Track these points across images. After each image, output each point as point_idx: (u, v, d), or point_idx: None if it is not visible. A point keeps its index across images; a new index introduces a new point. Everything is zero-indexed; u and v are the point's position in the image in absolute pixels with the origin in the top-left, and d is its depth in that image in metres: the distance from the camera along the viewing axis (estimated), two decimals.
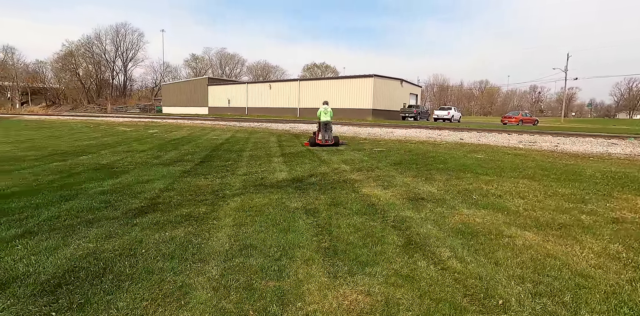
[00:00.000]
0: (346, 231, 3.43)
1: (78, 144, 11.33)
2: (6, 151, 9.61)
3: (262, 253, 2.96)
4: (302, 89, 35.00)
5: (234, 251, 2.99)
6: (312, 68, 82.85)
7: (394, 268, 2.66)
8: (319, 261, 2.79)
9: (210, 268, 2.70)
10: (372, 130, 17.79)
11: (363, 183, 5.48)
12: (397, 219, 3.72)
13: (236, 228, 3.57)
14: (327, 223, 3.69)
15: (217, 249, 3.04)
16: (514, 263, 2.71)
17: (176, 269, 2.68)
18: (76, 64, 66.80)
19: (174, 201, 4.55)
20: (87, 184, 5.45)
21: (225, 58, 79.29)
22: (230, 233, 3.41)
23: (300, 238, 3.30)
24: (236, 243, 3.17)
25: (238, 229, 3.51)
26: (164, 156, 8.68)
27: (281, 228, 3.57)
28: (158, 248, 3.06)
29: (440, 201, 4.40)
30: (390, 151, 9.56)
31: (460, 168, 6.96)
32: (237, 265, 2.74)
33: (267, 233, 3.42)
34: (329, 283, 2.46)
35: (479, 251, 2.92)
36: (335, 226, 3.60)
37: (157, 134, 15.39)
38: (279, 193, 4.91)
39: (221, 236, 3.34)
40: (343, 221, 3.75)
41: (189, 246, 3.10)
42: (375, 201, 4.43)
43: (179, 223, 3.69)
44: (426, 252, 2.91)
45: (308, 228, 3.57)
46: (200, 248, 3.07)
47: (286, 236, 3.35)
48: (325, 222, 3.72)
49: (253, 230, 3.50)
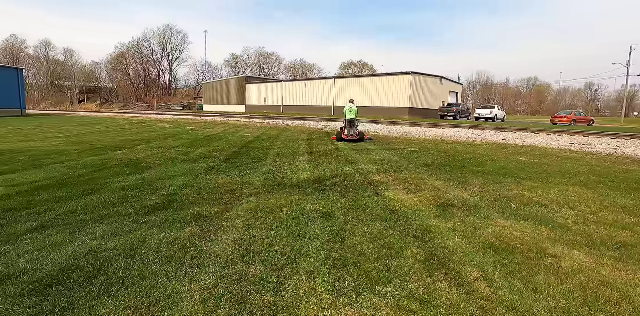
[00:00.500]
0: (361, 240, 3.09)
1: (118, 140, 11.84)
2: (53, 145, 10.22)
3: (265, 260, 2.72)
4: (337, 87, 34.64)
5: (235, 257, 2.77)
6: (348, 66, 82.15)
7: (409, 288, 2.29)
8: (324, 274, 2.49)
9: (206, 274, 2.49)
10: (407, 129, 17.08)
11: (388, 186, 5.08)
12: (420, 229, 3.32)
13: (244, 230, 3.35)
14: (341, 229, 3.37)
15: (218, 254, 2.83)
16: (557, 291, 2.24)
17: (170, 274, 2.50)
18: (127, 64, 71.22)
19: (189, 198, 4.45)
20: (113, 178, 5.53)
21: (263, 57, 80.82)
22: (236, 236, 3.21)
23: (310, 245, 3.01)
24: (240, 248, 2.95)
25: (245, 232, 3.30)
26: (193, 152, 8.77)
27: (291, 232, 3.31)
28: (159, 249, 2.91)
29: (473, 209, 3.92)
30: (423, 152, 9.00)
31: (500, 171, 6.32)
32: (235, 273, 2.51)
33: (275, 238, 3.17)
34: (330, 301, 2.16)
35: (513, 272, 2.46)
36: (350, 233, 3.27)
37: (193, 131, 15.79)
38: (297, 194, 4.65)
39: (226, 239, 3.14)
40: (360, 227, 3.41)
41: (190, 249, 2.93)
42: (398, 206, 4.04)
43: (187, 223, 3.55)
44: (449, 270, 2.50)
45: (320, 233, 3.27)
46: (201, 251, 2.88)
47: (295, 242, 3.08)
48: (339, 228, 3.41)
49: (261, 234, 3.27)
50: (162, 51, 72.53)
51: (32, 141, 11.32)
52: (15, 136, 12.71)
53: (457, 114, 30.31)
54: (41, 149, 9.10)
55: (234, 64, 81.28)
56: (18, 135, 13.26)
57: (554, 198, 4.48)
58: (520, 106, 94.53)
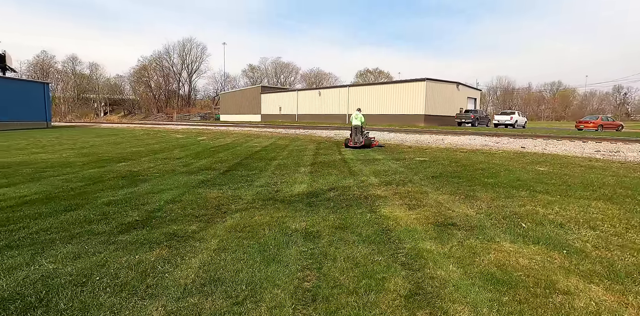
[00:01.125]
0: (341, 267, 2.73)
1: (127, 151, 11.91)
2: (63, 157, 10.35)
3: (226, 291, 2.40)
4: (351, 95, 34.39)
5: (196, 286, 2.47)
6: (364, 74, 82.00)
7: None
8: (288, 311, 2.14)
9: (155, 309, 2.19)
10: (420, 137, 16.55)
11: (387, 201, 4.69)
12: (411, 254, 2.92)
13: (215, 253, 3.06)
14: (322, 253, 3.02)
15: (177, 282, 2.54)
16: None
17: (116, 307, 2.21)
18: (148, 77, 73.67)
19: (172, 215, 4.21)
20: (103, 193, 5.39)
21: (280, 67, 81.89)
22: (205, 260, 2.91)
23: (282, 272, 2.67)
24: (204, 275, 2.64)
25: (216, 256, 3.00)
26: (195, 163, 8.63)
27: (267, 256, 2.98)
28: (116, 275, 2.65)
29: (477, 230, 3.48)
30: (434, 162, 8.52)
31: (514, 183, 5.80)
32: (187, 308, 2.20)
33: (246, 263, 2.85)
34: None
35: (513, 314, 2.04)
36: (331, 258, 2.92)
37: (203, 142, 15.83)
38: (286, 210, 4.33)
39: (193, 264, 2.85)
40: (343, 251, 3.05)
41: (150, 275, 2.65)
42: (392, 226, 3.64)
43: (158, 244, 3.28)
44: (435, 310, 2.10)
45: (298, 258, 2.93)
46: (160, 279, 2.60)
47: (267, 268, 2.75)
48: (321, 251, 3.06)
49: (233, 258, 2.96)
50: (182, 63, 74.71)
51: (46, 153, 11.53)
52: (32, 148, 13.04)
53: (475, 121, 29.39)
54: (49, 162, 9.19)
55: (251, 74, 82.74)
56: (36, 147, 13.60)
57: (572, 216, 3.97)
58: (544, 112, 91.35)
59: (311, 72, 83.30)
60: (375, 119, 31.14)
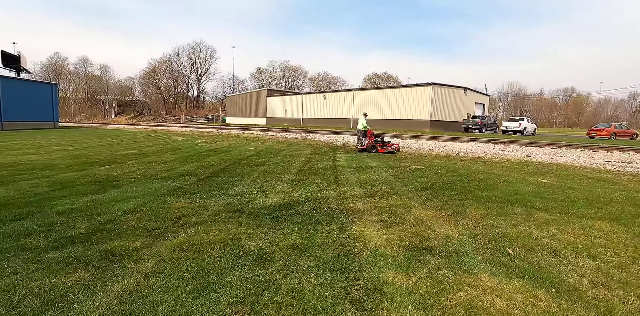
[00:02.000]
0: (279, 302, 2.29)
1: (119, 153, 11.65)
2: (50, 159, 10.12)
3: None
4: (356, 99, 33.94)
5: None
6: (373, 78, 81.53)
7: None
8: None
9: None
10: (423, 143, 16.00)
11: (363, 216, 4.23)
12: (369, 287, 2.46)
13: (145, 278, 2.64)
14: (267, 282, 2.58)
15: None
16: None
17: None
18: (158, 79, 74.43)
19: (122, 228, 3.82)
20: (64, 200, 5.04)
21: (288, 70, 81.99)
22: (128, 287, 2.50)
23: (208, 307, 2.24)
24: (117, 308, 2.23)
25: (144, 282, 2.59)
26: (179, 168, 8.28)
27: (201, 283, 2.56)
28: (16, 305, 2.25)
29: (454, 256, 3.00)
30: (429, 170, 8.01)
31: (511, 197, 5.28)
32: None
33: (173, 293, 2.43)
34: None
35: None
36: (274, 289, 2.48)
37: (200, 145, 15.54)
38: (248, 225, 3.91)
39: (111, 292, 2.44)
40: (291, 280, 2.60)
41: (55, 306, 2.25)
42: (358, 248, 3.19)
43: (87, 264, 2.89)
44: None
45: (236, 287, 2.50)
46: (63, 312, 2.19)
47: (194, 301, 2.33)
48: (266, 279, 2.62)
49: (161, 285, 2.54)
50: (192, 66, 75.36)
51: (37, 154, 11.34)
52: (27, 149, 12.90)
53: (483, 127, 28.64)
54: (33, 163, 8.96)
55: (259, 77, 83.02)
56: (31, 148, 13.46)
57: (570, 240, 3.46)
58: (556, 118, 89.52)
59: (319, 76, 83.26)
60: (380, 123, 30.62)
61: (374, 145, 12.07)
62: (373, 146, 12.07)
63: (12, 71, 33.88)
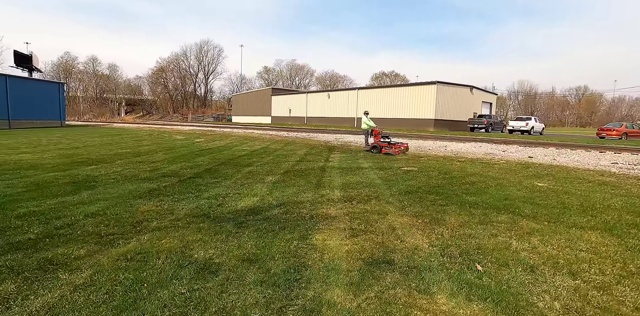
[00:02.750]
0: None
1: (112, 153, 11.55)
2: (41, 158, 10.05)
3: None
4: (360, 98, 33.53)
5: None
6: (380, 77, 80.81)
7: None
8: None
9: None
10: (424, 143, 15.62)
11: (332, 223, 3.96)
12: (307, 308, 2.20)
13: (72, 291, 2.43)
14: (199, 299, 2.34)
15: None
16: None
17: None
18: (166, 78, 74.99)
19: (75, 233, 3.63)
20: (31, 202, 4.89)
21: (295, 69, 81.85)
22: (49, 302, 2.29)
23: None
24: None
25: (69, 296, 2.37)
26: (164, 168, 8.12)
27: (128, 300, 2.33)
28: None
29: (415, 272, 2.71)
30: (421, 172, 7.69)
31: (499, 203, 4.95)
32: None
33: (92, 310, 2.21)
34: None
35: None
36: (202, 308, 2.23)
37: (197, 144, 15.41)
38: (207, 232, 3.68)
39: (29, 307, 2.23)
40: (227, 297, 2.36)
41: None
42: (313, 260, 2.92)
43: (19, 274, 2.69)
44: None
45: (162, 306, 2.26)
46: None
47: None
48: (199, 296, 2.38)
49: (84, 300, 2.32)
50: (199, 65, 75.75)
51: (32, 153, 11.31)
52: (24, 148, 12.91)
53: (489, 126, 28.00)
54: (21, 162, 8.90)
55: (266, 76, 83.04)
56: (29, 146, 13.48)
57: (552, 254, 3.14)
58: (568, 118, 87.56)
59: (326, 75, 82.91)
60: (384, 123, 30.20)
61: (375, 146, 11.55)
62: (375, 146, 11.54)
63: (24, 70, 34.38)
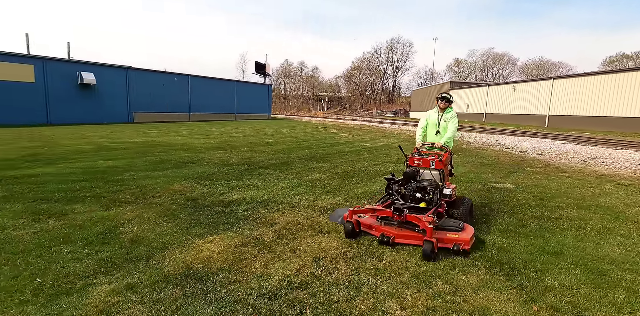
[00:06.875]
0: None
1: (258, 141, 13.77)
2: (194, 143, 13.18)
3: None
4: (555, 89, 26.12)
5: None
6: (617, 60, 59.73)
7: None
8: None
9: None
10: (612, 154, 11.04)
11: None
12: None
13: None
14: None
15: None
16: None
17: None
18: (358, 76, 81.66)
19: (125, 191, 4.93)
20: (127, 173, 6.81)
21: (491, 58, 71.93)
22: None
23: None
24: None
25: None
26: (256, 158, 9.27)
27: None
28: None
29: None
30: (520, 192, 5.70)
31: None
32: None
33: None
34: None
35: None
36: None
37: (332, 137, 16.42)
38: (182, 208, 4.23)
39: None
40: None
41: None
42: None
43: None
44: None
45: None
46: None
47: None
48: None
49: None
50: (388, 62, 78.33)
51: (198, 138, 14.60)
52: (200, 133, 17.19)
53: None
54: (175, 145, 11.88)
55: (456, 69, 76.98)
56: (206, 133, 17.76)
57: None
58: None
59: (531, 63, 68.73)
60: (589, 122, 22.75)
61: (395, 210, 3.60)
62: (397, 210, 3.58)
63: (260, 75, 45.67)
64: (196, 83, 32.28)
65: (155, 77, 28.81)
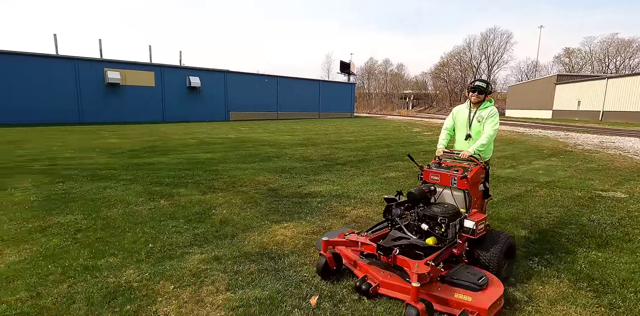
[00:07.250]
0: None
1: (338, 139, 14.22)
2: (279, 139, 14.08)
3: None
4: None
5: None
6: None
7: None
8: None
9: None
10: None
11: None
12: None
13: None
14: None
15: None
16: None
17: None
18: (447, 72, 76.88)
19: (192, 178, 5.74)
20: (219, 164, 7.71)
21: (614, 46, 60.52)
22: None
23: None
24: None
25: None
26: (334, 155, 9.59)
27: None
28: None
29: None
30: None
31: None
32: None
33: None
34: None
35: None
36: None
37: (414, 137, 15.97)
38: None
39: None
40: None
41: None
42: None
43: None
44: None
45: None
46: None
47: None
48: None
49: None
50: (482, 55, 72.02)
51: (291, 135, 15.78)
52: (285, 130, 18.22)
53: None
54: (262, 140, 12.93)
55: (567, 60, 66.78)
56: (291, 131, 18.64)
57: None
58: None
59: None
60: None
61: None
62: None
63: (345, 74, 46.73)
64: (284, 83, 34.29)
65: (248, 79, 31.47)
